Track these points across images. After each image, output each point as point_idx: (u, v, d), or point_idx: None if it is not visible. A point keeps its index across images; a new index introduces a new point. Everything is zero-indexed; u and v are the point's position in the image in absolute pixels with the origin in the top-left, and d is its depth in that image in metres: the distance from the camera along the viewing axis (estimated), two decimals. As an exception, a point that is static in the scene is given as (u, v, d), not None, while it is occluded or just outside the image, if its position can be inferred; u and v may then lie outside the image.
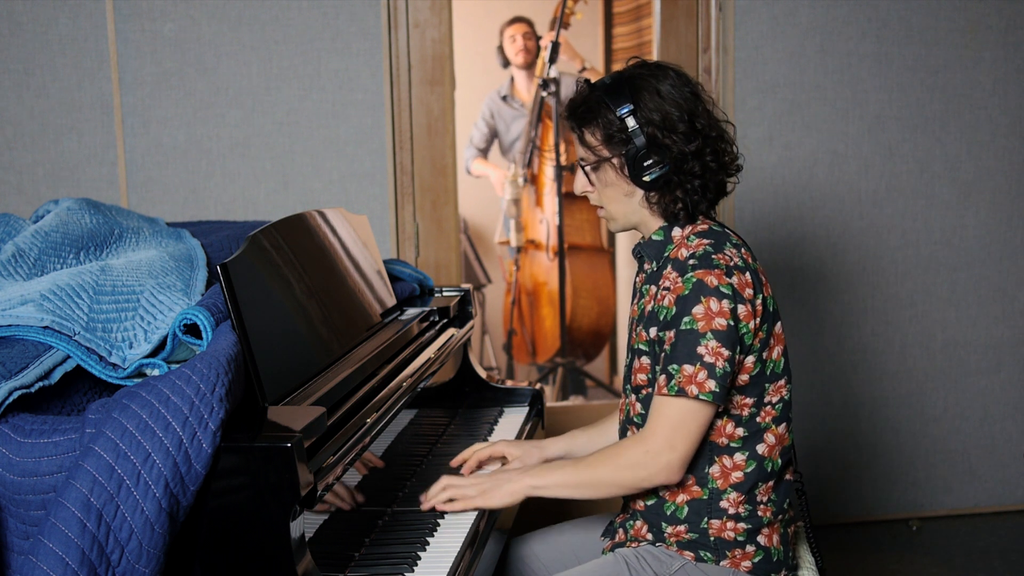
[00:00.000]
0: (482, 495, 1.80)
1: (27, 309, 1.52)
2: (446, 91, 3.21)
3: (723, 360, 1.68)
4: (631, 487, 1.77)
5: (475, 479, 1.84)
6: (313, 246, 1.93)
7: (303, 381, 1.66)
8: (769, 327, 1.77)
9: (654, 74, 1.81)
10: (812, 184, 3.38)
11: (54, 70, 3.01)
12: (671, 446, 1.70)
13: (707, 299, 1.69)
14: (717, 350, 1.68)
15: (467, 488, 1.81)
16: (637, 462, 1.72)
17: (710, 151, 1.79)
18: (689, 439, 1.71)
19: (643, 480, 1.74)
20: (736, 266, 1.73)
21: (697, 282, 1.70)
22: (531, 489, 1.80)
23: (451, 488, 1.81)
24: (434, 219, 3.24)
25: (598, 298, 4.50)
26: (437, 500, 1.81)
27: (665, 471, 1.72)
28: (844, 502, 3.54)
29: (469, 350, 2.46)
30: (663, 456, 1.71)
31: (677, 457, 1.71)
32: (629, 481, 1.75)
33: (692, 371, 1.68)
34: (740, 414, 1.77)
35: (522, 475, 1.81)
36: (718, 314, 1.68)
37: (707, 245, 1.76)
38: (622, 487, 1.77)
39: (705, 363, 1.67)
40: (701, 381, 1.67)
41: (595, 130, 1.82)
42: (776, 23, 3.29)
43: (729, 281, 1.70)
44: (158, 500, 1.28)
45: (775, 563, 1.81)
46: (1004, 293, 3.53)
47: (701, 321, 1.68)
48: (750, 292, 1.73)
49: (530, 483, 1.80)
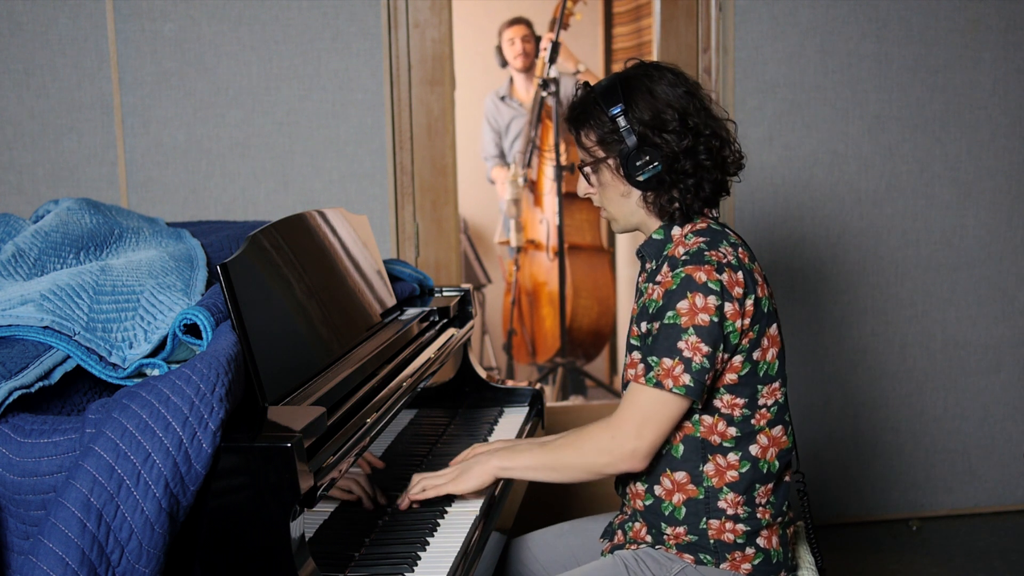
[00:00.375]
0: (452, 481, 1.83)
1: (27, 309, 1.52)
2: (446, 91, 3.21)
3: (701, 355, 1.68)
4: (595, 472, 1.77)
5: (448, 468, 1.87)
6: (313, 246, 1.93)
7: (303, 381, 1.66)
8: (761, 328, 1.77)
9: (649, 74, 1.81)
10: (812, 184, 3.38)
11: (54, 70, 3.01)
12: (638, 434, 1.72)
13: (693, 294, 1.69)
14: (696, 345, 1.68)
15: (437, 478, 1.84)
16: (603, 447, 1.74)
17: (703, 148, 1.79)
18: (657, 430, 1.72)
19: (606, 466, 1.75)
20: (728, 264, 1.73)
21: (685, 277, 1.71)
22: (499, 470, 1.82)
23: (423, 480, 1.85)
24: (434, 219, 3.24)
25: (598, 298, 4.50)
26: (411, 494, 1.84)
27: (629, 458, 1.73)
28: (844, 502, 3.54)
29: (469, 350, 2.46)
30: (628, 443, 1.72)
31: (643, 445, 1.72)
32: (593, 466, 1.76)
33: (670, 364, 1.69)
34: (731, 414, 1.77)
35: (490, 456, 1.83)
36: (702, 310, 1.69)
37: (702, 242, 1.77)
38: (587, 471, 1.78)
39: (683, 357, 1.68)
40: (677, 375, 1.69)
41: (590, 131, 1.83)
42: (776, 23, 3.28)
43: (719, 278, 1.71)
44: (158, 500, 1.28)
45: (775, 565, 1.81)
46: (1004, 293, 3.53)
47: (684, 316, 1.69)
48: (740, 291, 1.72)
49: (498, 464, 1.82)
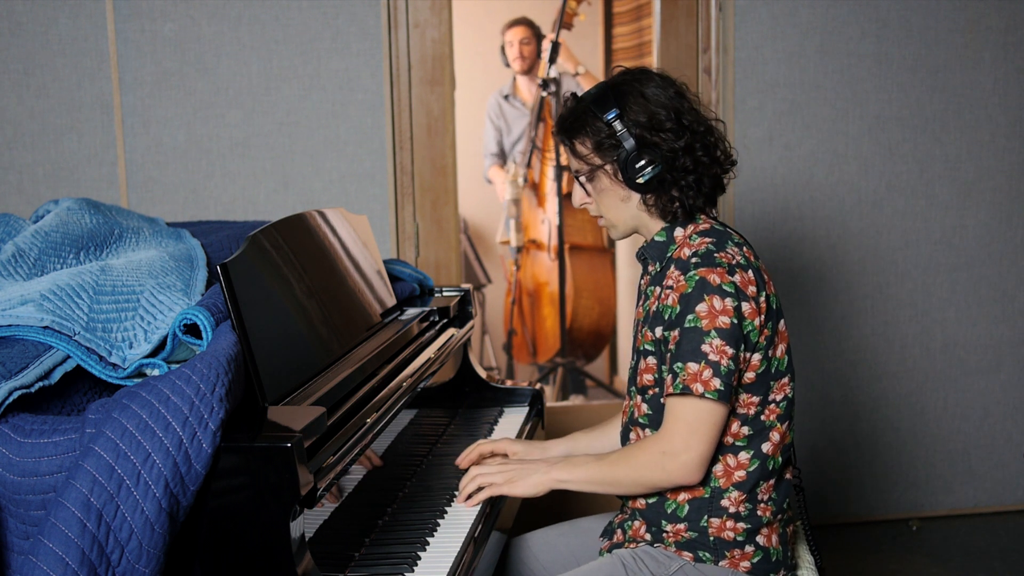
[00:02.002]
0: (508, 483, 1.83)
1: (27, 309, 1.52)
2: (446, 91, 3.21)
3: (727, 358, 1.68)
4: (651, 486, 1.78)
5: (501, 467, 1.86)
6: (313, 246, 1.93)
7: (303, 381, 1.66)
8: (774, 325, 1.78)
9: (637, 79, 1.82)
10: (812, 184, 3.38)
11: (54, 70, 3.01)
12: (687, 446, 1.71)
13: (710, 297, 1.69)
14: (722, 348, 1.68)
15: (494, 475, 1.84)
16: (655, 462, 1.74)
17: (700, 145, 1.80)
18: (705, 439, 1.71)
19: (662, 481, 1.75)
20: (739, 264, 1.74)
21: (700, 280, 1.71)
22: (557, 483, 1.82)
23: (480, 477, 1.85)
24: (434, 219, 3.24)
25: (599, 298, 4.50)
26: (468, 489, 1.85)
27: (683, 471, 1.73)
28: (844, 502, 3.54)
29: (469, 350, 2.46)
30: (680, 457, 1.72)
31: (694, 457, 1.72)
32: (649, 481, 1.77)
33: (697, 369, 1.68)
34: (747, 413, 1.77)
35: (549, 468, 1.83)
36: (722, 312, 1.69)
37: (709, 244, 1.77)
38: (642, 486, 1.78)
39: (710, 361, 1.68)
40: (707, 379, 1.68)
41: (585, 139, 1.83)
42: (776, 23, 3.28)
43: (732, 279, 1.71)
44: (158, 500, 1.28)
45: (774, 563, 1.81)
46: (1004, 293, 3.53)
47: (705, 319, 1.69)
48: (753, 290, 1.73)
49: (556, 476, 1.82)
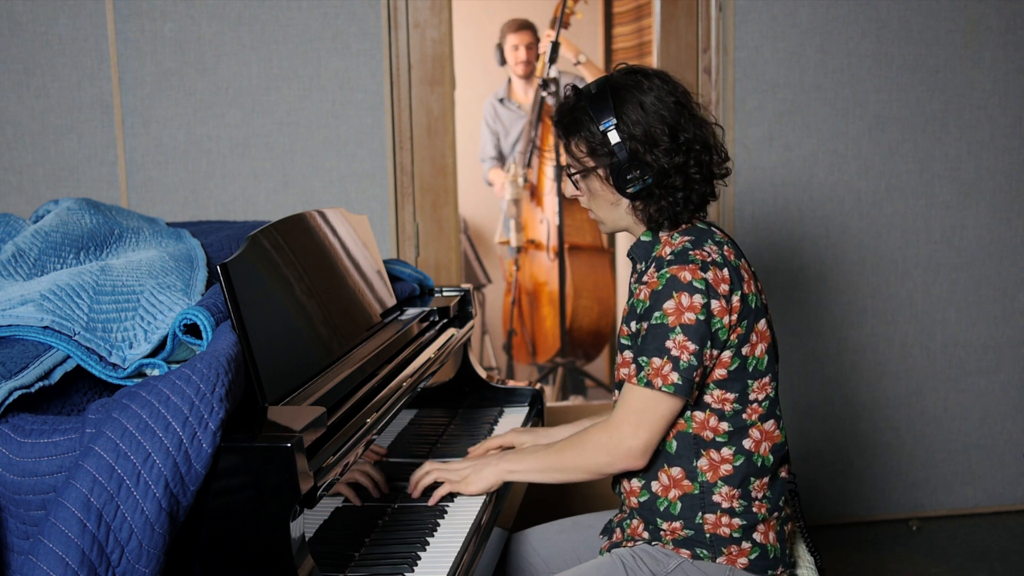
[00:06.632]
0: (463, 480, 1.88)
1: (27, 309, 1.52)
2: (446, 91, 3.21)
3: (688, 354, 1.72)
4: (596, 471, 1.82)
5: (459, 464, 1.91)
6: (313, 246, 1.93)
7: (303, 381, 1.66)
8: (750, 324, 1.78)
9: (639, 84, 1.81)
10: (812, 184, 3.38)
11: (54, 70, 3.01)
12: (633, 433, 1.76)
13: (679, 294, 1.72)
14: (683, 343, 1.72)
15: (450, 473, 1.89)
16: (601, 447, 1.79)
17: (694, 163, 1.81)
18: (652, 428, 1.76)
19: (606, 465, 1.80)
20: (713, 262, 1.76)
21: (671, 277, 1.74)
22: (507, 474, 1.88)
23: (435, 472, 1.89)
24: (434, 219, 3.24)
25: (598, 298, 4.50)
26: (423, 483, 1.89)
27: (627, 457, 1.77)
28: (844, 502, 3.54)
29: (469, 350, 2.46)
30: (625, 442, 1.77)
31: (638, 444, 1.76)
32: (594, 465, 1.81)
33: (659, 364, 1.73)
34: (723, 409, 1.79)
35: (499, 460, 1.89)
36: (688, 308, 1.72)
37: (687, 242, 1.80)
38: (588, 471, 1.82)
39: (671, 356, 1.72)
40: (665, 374, 1.72)
41: (579, 142, 1.85)
42: (776, 23, 3.28)
43: (704, 276, 1.74)
44: (158, 500, 1.28)
45: (772, 560, 1.82)
46: (1004, 293, 3.53)
47: (671, 315, 1.72)
48: (726, 288, 1.75)
49: (506, 468, 1.88)
